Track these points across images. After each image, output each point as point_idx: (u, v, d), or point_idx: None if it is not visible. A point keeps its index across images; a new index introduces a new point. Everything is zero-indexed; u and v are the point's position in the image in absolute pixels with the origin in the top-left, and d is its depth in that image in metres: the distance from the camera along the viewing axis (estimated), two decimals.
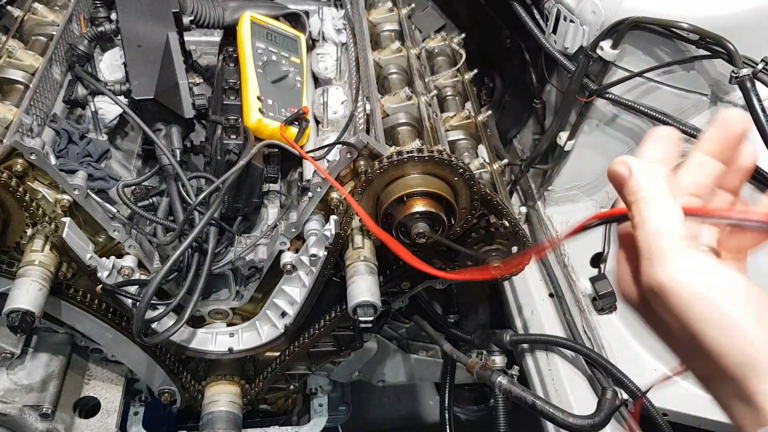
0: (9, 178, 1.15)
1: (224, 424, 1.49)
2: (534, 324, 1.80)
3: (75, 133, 1.31)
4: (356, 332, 1.51)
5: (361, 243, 1.25)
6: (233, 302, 1.48)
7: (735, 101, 1.58)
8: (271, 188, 1.50)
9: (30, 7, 1.48)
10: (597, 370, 1.57)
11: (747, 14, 1.49)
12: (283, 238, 1.33)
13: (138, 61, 1.40)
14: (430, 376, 2.00)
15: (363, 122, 1.32)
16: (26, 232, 1.23)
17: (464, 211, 1.23)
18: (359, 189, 1.20)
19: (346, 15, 1.69)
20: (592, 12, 1.60)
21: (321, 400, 1.81)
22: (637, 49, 1.59)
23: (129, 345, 1.44)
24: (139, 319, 1.22)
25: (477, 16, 2.16)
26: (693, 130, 1.58)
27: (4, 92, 1.30)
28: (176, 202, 1.32)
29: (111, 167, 1.39)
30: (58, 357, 1.53)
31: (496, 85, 2.28)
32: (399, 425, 2.63)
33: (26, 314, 1.13)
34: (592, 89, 1.65)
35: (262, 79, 1.44)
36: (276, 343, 1.47)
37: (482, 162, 1.47)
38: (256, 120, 1.37)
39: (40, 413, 1.45)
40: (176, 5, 1.47)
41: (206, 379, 1.57)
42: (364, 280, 1.20)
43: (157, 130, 1.38)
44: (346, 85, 1.61)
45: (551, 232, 1.92)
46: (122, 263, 1.30)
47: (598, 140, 1.80)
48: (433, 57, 1.76)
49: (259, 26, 1.54)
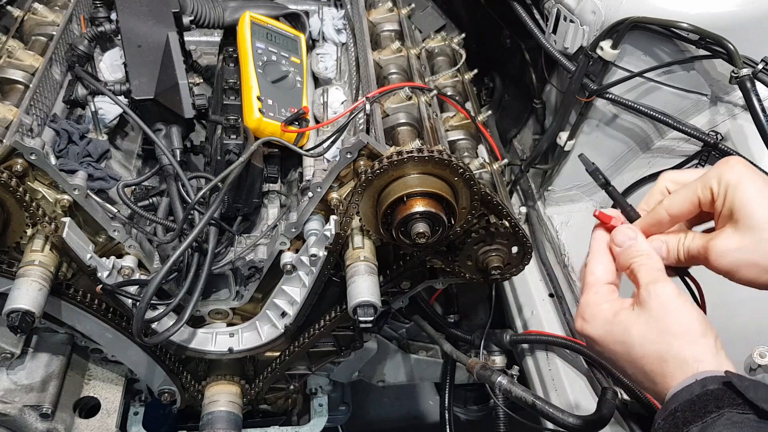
0: (9, 178, 1.15)
1: (224, 424, 1.49)
2: (534, 324, 1.79)
3: (75, 133, 1.31)
4: (356, 332, 1.52)
5: (361, 243, 1.25)
6: (233, 302, 1.48)
7: (735, 101, 1.58)
8: (271, 188, 1.50)
9: (30, 7, 1.48)
10: (597, 370, 1.57)
11: (747, 14, 1.49)
12: (283, 238, 1.33)
13: (138, 61, 1.40)
14: (430, 376, 2.00)
15: (363, 122, 1.32)
16: (26, 232, 1.23)
17: (464, 211, 1.23)
18: (359, 189, 1.20)
19: (346, 15, 1.69)
20: (592, 12, 1.60)
21: (321, 400, 1.81)
22: (637, 49, 1.59)
23: (129, 345, 1.44)
24: (139, 319, 1.22)
25: (477, 16, 2.16)
26: (693, 130, 1.59)
27: (4, 92, 1.30)
28: (176, 202, 1.32)
29: (111, 167, 1.39)
30: (58, 357, 1.53)
31: (496, 85, 2.29)
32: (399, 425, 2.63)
33: (26, 314, 1.13)
34: (592, 89, 1.65)
35: (262, 79, 1.44)
36: (276, 343, 1.47)
37: (482, 162, 1.47)
38: (256, 120, 1.37)
39: (40, 413, 1.45)
40: (176, 5, 1.47)
41: (206, 379, 1.57)
42: (364, 280, 1.20)
43: (157, 130, 1.38)
44: (346, 85, 1.61)
45: (551, 232, 1.92)
46: (122, 263, 1.30)
47: (598, 140, 1.80)
48: (433, 57, 1.76)
49: (259, 26, 1.54)
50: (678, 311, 0.83)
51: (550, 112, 2.02)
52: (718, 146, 1.55)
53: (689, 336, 0.81)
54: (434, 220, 1.16)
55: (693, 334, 0.81)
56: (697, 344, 0.81)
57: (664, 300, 0.84)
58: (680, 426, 0.75)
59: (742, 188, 0.85)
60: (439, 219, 1.16)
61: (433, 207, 1.15)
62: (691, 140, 1.64)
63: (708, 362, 0.79)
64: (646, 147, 1.75)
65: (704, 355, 0.80)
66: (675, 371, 0.80)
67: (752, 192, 0.84)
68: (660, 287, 0.85)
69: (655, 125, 1.70)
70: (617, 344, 0.85)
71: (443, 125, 1.52)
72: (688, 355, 0.80)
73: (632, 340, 0.83)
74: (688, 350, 0.80)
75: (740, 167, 0.87)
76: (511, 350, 1.80)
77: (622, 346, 0.85)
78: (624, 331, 0.85)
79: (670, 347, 0.81)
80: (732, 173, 0.86)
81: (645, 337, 0.83)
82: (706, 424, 0.73)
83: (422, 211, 1.15)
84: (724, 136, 1.58)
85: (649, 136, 1.73)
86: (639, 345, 0.83)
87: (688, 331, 0.81)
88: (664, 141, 1.71)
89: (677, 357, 0.80)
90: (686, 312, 0.83)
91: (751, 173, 0.86)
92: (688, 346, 0.80)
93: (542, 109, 2.03)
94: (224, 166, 1.28)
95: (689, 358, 0.79)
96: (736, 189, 0.85)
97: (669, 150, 1.71)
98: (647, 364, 0.82)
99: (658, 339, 0.82)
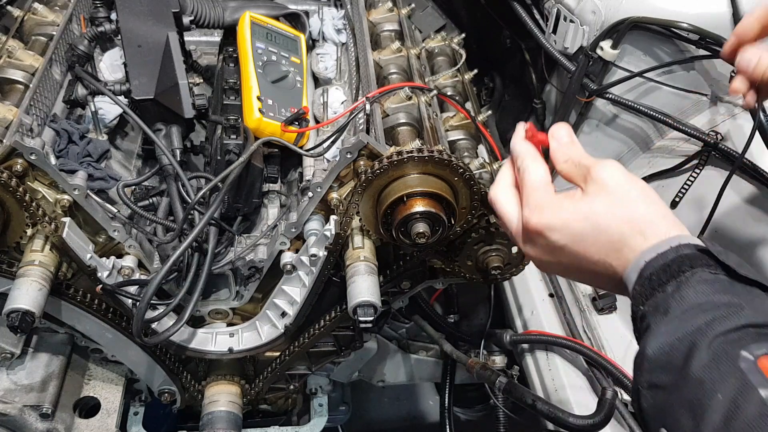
0: (9, 178, 1.15)
1: (224, 424, 1.49)
2: (534, 324, 1.79)
3: (75, 133, 1.31)
4: (356, 332, 1.52)
5: (361, 243, 1.25)
6: (233, 302, 1.48)
7: (735, 101, 1.58)
8: (271, 188, 1.50)
9: (30, 7, 1.48)
10: (597, 370, 1.57)
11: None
12: (283, 238, 1.33)
13: (138, 61, 1.40)
14: (430, 376, 2.00)
15: (363, 122, 1.32)
16: (26, 232, 1.23)
17: (464, 211, 1.23)
18: (359, 189, 1.20)
19: (346, 15, 1.69)
20: (592, 12, 1.60)
21: (321, 400, 1.80)
22: (637, 49, 1.59)
23: (129, 345, 1.44)
24: (139, 319, 1.22)
25: (477, 16, 2.16)
26: (693, 130, 1.59)
27: (4, 92, 1.30)
28: (176, 202, 1.32)
29: (111, 167, 1.38)
30: (58, 357, 1.53)
31: (496, 85, 2.29)
32: (399, 425, 2.62)
33: (26, 314, 1.13)
34: (592, 89, 1.65)
35: (262, 79, 1.44)
36: (276, 343, 1.47)
37: (482, 162, 1.47)
38: (256, 120, 1.37)
39: (40, 413, 1.45)
40: (176, 5, 1.47)
41: (206, 379, 1.57)
42: (364, 280, 1.20)
43: (157, 130, 1.38)
44: (346, 85, 1.61)
45: None
46: (122, 263, 1.30)
47: (598, 140, 1.80)
48: (433, 57, 1.76)
49: (259, 26, 1.54)
50: (635, 181, 0.86)
51: (550, 112, 2.01)
52: (718, 146, 1.55)
53: (651, 197, 0.84)
54: (434, 220, 1.16)
55: (653, 196, 0.85)
56: (661, 205, 0.84)
57: (619, 173, 0.86)
58: (656, 288, 0.77)
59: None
60: (439, 219, 1.16)
61: (433, 207, 1.15)
62: (691, 140, 1.64)
63: (676, 225, 0.82)
64: (646, 147, 1.75)
65: (670, 217, 0.83)
66: (646, 228, 0.81)
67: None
68: (611, 163, 0.87)
69: (655, 125, 1.70)
70: (581, 221, 0.85)
71: (443, 125, 1.52)
72: (655, 215, 0.82)
73: (597, 214, 0.84)
74: (654, 210, 0.83)
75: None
76: (511, 350, 1.80)
77: (587, 222, 0.84)
78: (588, 207, 0.85)
79: (636, 207, 0.83)
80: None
81: (611, 206, 0.84)
82: (680, 281, 0.75)
83: (422, 211, 1.15)
84: (724, 136, 1.58)
85: (649, 136, 1.73)
86: (604, 213, 0.83)
87: (648, 195, 0.84)
88: (664, 141, 1.71)
89: (645, 217, 0.82)
90: (641, 183, 0.86)
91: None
92: (653, 206, 0.83)
93: (542, 109, 2.03)
94: (224, 166, 1.28)
95: (658, 217, 0.82)
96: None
97: (669, 150, 1.71)
98: (615, 231, 0.82)
99: (624, 205, 0.83)
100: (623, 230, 0.82)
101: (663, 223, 0.82)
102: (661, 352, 0.72)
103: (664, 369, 0.72)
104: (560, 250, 0.88)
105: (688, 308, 0.73)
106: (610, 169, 0.86)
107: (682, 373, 0.70)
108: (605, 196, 0.85)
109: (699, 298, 0.73)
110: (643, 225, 0.81)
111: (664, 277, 0.77)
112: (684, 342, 0.71)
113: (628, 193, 0.84)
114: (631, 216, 0.82)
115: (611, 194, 0.84)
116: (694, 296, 0.74)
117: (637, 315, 0.80)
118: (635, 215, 0.82)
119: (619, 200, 0.84)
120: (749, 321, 0.69)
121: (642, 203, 0.83)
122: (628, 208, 0.83)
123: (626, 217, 0.82)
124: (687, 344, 0.70)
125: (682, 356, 0.70)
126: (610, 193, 0.84)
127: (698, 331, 0.70)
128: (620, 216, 0.83)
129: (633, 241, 0.81)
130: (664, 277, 0.77)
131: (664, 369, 0.72)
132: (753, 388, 0.64)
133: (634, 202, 0.83)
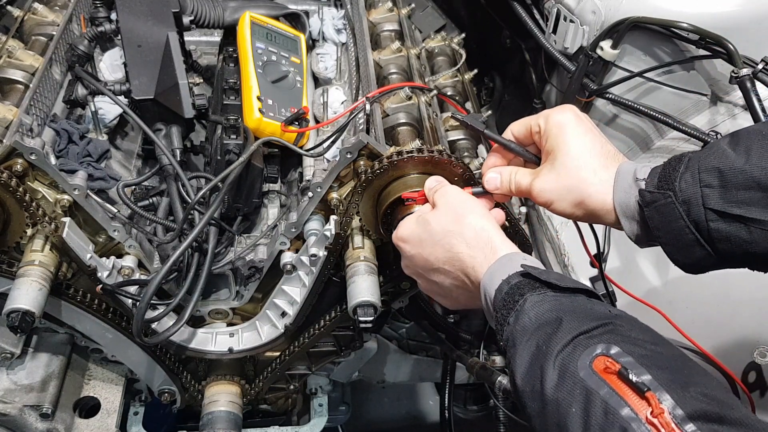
0: (9, 178, 1.15)
1: (224, 424, 1.49)
2: None
3: (75, 133, 1.31)
4: (356, 332, 1.52)
5: (361, 243, 1.25)
6: (233, 302, 1.48)
7: (735, 101, 1.58)
8: (271, 188, 1.50)
9: (30, 7, 1.48)
10: None
11: (747, 14, 1.49)
12: (283, 238, 1.33)
13: (138, 61, 1.40)
14: (430, 376, 2.00)
15: (363, 122, 1.32)
16: (26, 232, 1.23)
17: None
18: (359, 189, 1.20)
19: (346, 15, 1.69)
20: (592, 12, 1.60)
21: (321, 400, 1.80)
22: (637, 49, 1.59)
23: (129, 345, 1.44)
24: (139, 319, 1.22)
25: (477, 16, 2.16)
26: (693, 130, 1.59)
27: (4, 92, 1.30)
28: (176, 202, 1.32)
29: (111, 167, 1.39)
30: (58, 357, 1.52)
31: (496, 85, 2.29)
32: (399, 425, 2.62)
33: (26, 314, 1.13)
34: (592, 89, 1.65)
35: (262, 79, 1.44)
36: (276, 343, 1.47)
37: (482, 162, 1.47)
38: (256, 120, 1.37)
39: (40, 413, 1.45)
40: (176, 5, 1.47)
41: (206, 379, 1.57)
42: (364, 280, 1.20)
43: (157, 130, 1.38)
44: (346, 85, 1.61)
45: (551, 232, 1.92)
46: (122, 263, 1.30)
47: None
48: (433, 57, 1.76)
49: (259, 26, 1.54)
50: (464, 198, 1.03)
51: None
52: None
53: (478, 209, 1.01)
54: None
55: (481, 208, 1.02)
56: (486, 217, 1.00)
57: (452, 193, 1.05)
58: (503, 323, 0.86)
59: (565, 130, 0.95)
60: None
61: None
62: (691, 140, 1.63)
63: (496, 236, 0.98)
64: (646, 147, 1.75)
65: (493, 227, 0.99)
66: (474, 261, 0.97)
67: (571, 135, 0.95)
68: (448, 187, 1.07)
69: (655, 125, 1.70)
70: (421, 233, 1.03)
71: (443, 125, 1.52)
72: (477, 224, 0.99)
73: (431, 225, 1.01)
74: (478, 220, 1.00)
75: (570, 113, 0.98)
76: None
77: (425, 233, 1.02)
78: (426, 222, 1.03)
79: (464, 218, 0.99)
80: (561, 116, 0.97)
81: (441, 220, 1.01)
82: (518, 312, 0.84)
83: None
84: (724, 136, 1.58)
85: (649, 136, 1.73)
86: (436, 223, 1.01)
87: (474, 208, 1.01)
88: (664, 141, 1.71)
89: (471, 224, 0.99)
90: (471, 199, 1.04)
91: (578, 119, 0.97)
92: (477, 218, 1.00)
93: (542, 108, 2.02)
94: (224, 166, 1.28)
95: (478, 227, 0.98)
96: (559, 129, 0.96)
97: (669, 150, 1.71)
98: (447, 240, 0.99)
99: (454, 219, 1.00)
100: (453, 240, 0.99)
101: (480, 226, 0.99)
102: (524, 383, 0.79)
103: (531, 397, 0.78)
104: (412, 257, 1.05)
105: (529, 336, 0.81)
106: (444, 189, 1.07)
107: (542, 398, 0.76)
108: (439, 211, 1.03)
109: (532, 323, 0.82)
110: (467, 234, 0.99)
111: (505, 311, 0.86)
112: (535, 367, 0.78)
113: (455, 206, 1.02)
114: (459, 230, 1.00)
115: (444, 208, 1.03)
116: (529, 322, 0.82)
117: (503, 350, 0.88)
118: (462, 225, 1.00)
119: (453, 214, 1.01)
120: (578, 331, 0.76)
121: (469, 213, 1.01)
122: (456, 220, 1.01)
123: (455, 231, 1.00)
124: (538, 369, 0.77)
125: (538, 381, 0.77)
126: (444, 208, 1.03)
127: (541, 354, 0.78)
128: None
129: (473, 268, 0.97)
130: (504, 311, 0.86)
131: (531, 397, 0.78)
132: (593, 392, 0.70)
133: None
